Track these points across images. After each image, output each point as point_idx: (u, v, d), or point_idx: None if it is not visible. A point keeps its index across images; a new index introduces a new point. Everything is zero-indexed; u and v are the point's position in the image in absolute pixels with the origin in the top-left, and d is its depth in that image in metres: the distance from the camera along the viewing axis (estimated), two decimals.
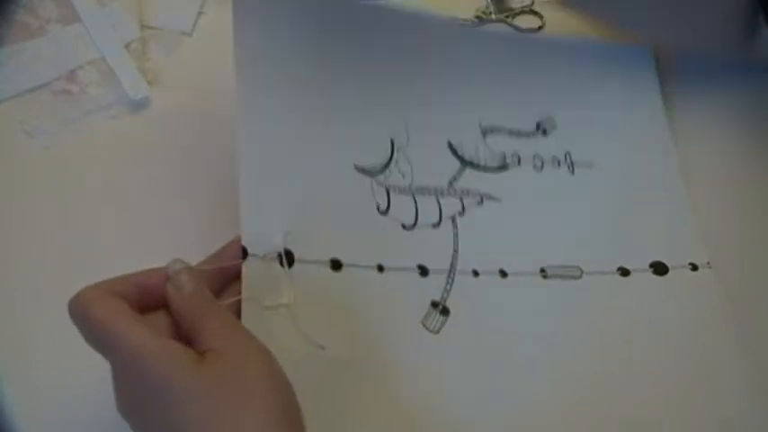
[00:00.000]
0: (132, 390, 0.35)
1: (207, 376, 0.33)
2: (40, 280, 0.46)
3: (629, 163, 0.50)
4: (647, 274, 0.47)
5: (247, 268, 0.40)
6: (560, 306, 0.46)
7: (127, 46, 0.53)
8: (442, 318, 0.44)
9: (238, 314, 0.39)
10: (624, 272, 0.47)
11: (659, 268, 0.48)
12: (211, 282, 0.39)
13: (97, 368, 0.42)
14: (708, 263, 0.48)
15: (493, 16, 0.54)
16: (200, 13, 0.55)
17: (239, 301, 0.40)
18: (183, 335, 0.36)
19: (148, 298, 0.37)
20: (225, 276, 0.40)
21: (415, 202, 0.45)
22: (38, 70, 0.52)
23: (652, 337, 0.46)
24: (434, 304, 0.44)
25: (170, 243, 0.47)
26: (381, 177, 0.45)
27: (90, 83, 0.52)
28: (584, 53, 0.52)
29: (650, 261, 0.48)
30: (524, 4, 0.54)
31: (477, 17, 0.53)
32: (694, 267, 0.48)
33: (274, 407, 0.33)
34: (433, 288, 0.44)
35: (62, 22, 0.53)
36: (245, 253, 0.40)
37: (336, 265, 0.43)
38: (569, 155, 0.49)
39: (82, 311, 0.35)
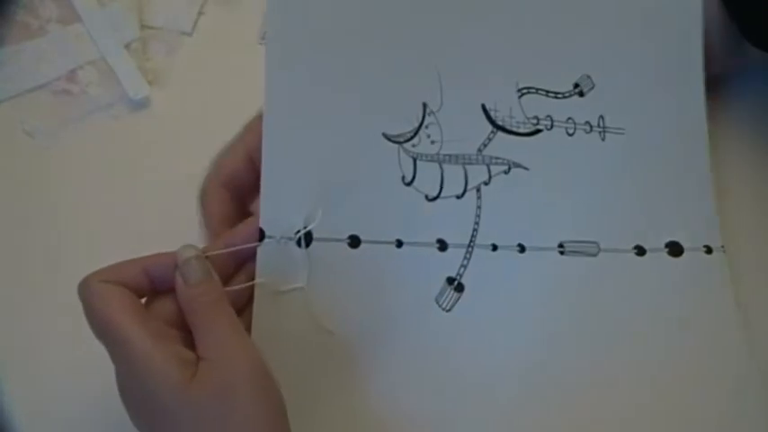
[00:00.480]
0: (129, 384, 0.35)
1: (195, 396, 0.33)
2: (40, 280, 0.46)
3: (659, 134, 0.49)
4: (663, 255, 0.47)
5: (263, 252, 0.40)
6: (575, 285, 0.45)
7: (127, 46, 0.53)
8: (455, 295, 0.44)
9: (252, 297, 0.40)
10: (640, 251, 0.47)
11: (675, 249, 0.47)
12: (224, 264, 0.39)
13: (98, 368, 0.42)
14: (722, 246, 0.48)
15: None
16: (200, 13, 0.55)
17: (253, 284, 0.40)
18: (188, 325, 0.36)
19: (157, 283, 0.37)
20: (238, 258, 0.40)
21: (442, 170, 0.45)
22: (38, 70, 0.52)
23: (663, 319, 0.46)
24: (450, 280, 0.44)
25: (171, 243, 0.47)
26: (409, 145, 0.45)
27: (90, 83, 0.52)
28: (630, 4, 0.50)
29: (666, 241, 0.47)
30: None
31: None
32: (709, 250, 0.48)
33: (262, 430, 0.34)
34: (450, 263, 0.44)
35: (62, 22, 0.53)
36: (261, 235, 0.40)
37: (355, 241, 0.43)
38: (603, 119, 0.48)
39: (88, 302, 0.35)
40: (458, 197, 0.45)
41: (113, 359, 0.35)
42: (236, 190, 0.43)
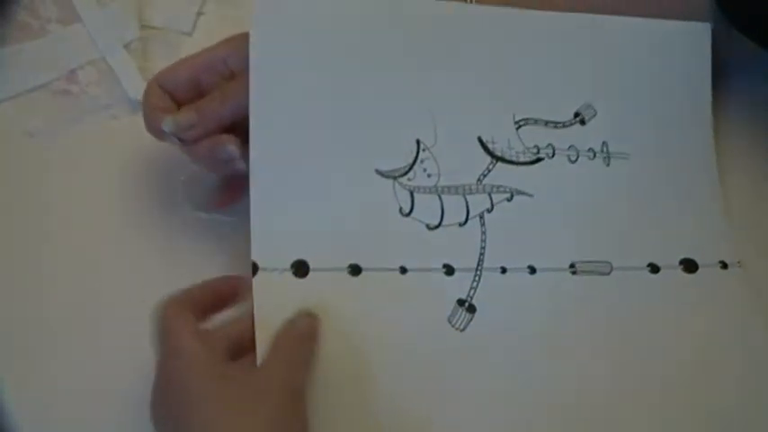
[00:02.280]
0: (164, 388, 0.37)
1: (225, 381, 0.35)
2: (40, 279, 0.46)
3: (666, 155, 0.49)
4: (677, 272, 0.47)
5: (258, 284, 0.40)
6: (589, 303, 0.45)
7: (127, 46, 0.53)
8: (468, 315, 0.43)
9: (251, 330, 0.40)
10: (654, 268, 0.46)
11: (689, 266, 0.47)
12: (202, 306, 0.40)
13: (98, 368, 0.42)
14: (738, 262, 0.48)
15: None
16: (199, 14, 0.55)
17: (251, 316, 0.39)
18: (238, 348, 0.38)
19: (219, 302, 0.40)
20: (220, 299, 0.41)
21: (441, 201, 0.45)
22: (38, 70, 0.52)
23: (680, 335, 0.46)
24: (460, 302, 0.44)
25: (171, 242, 0.47)
26: (405, 179, 0.45)
27: (90, 83, 0.52)
28: (630, 31, 0.49)
29: (681, 258, 0.47)
30: None
31: None
32: (724, 266, 0.48)
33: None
34: (459, 286, 0.44)
35: (62, 23, 0.53)
36: (255, 268, 0.40)
37: (356, 270, 0.43)
38: (606, 145, 0.48)
39: (162, 322, 0.38)
40: (460, 225, 0.45)
41: (159, 364, 0.38)
42: (172, 94, 0.44)
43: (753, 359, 0.46)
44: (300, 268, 0.41)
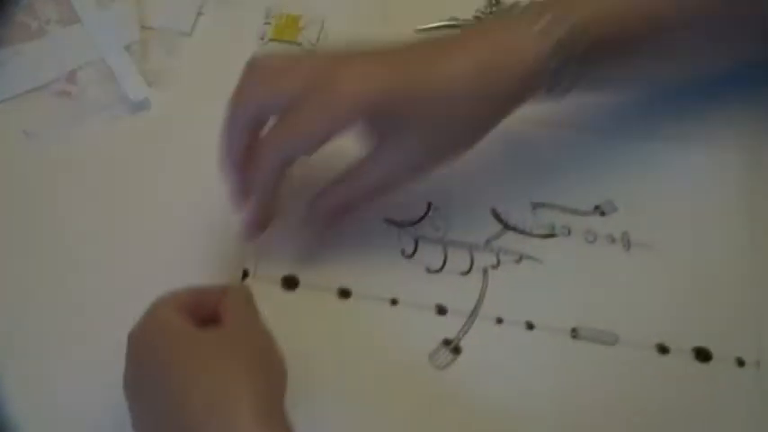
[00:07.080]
0: (139, 359, 0.37)
1: (199, 341, 0.36)
2: (38, 280, 0.46)
3: (693, 251, 0.48)
4: (687, 357, 0.45)
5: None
6: (590, 370, 0.44)
7: (127, 47, 0.53)
8: (451, 356, 0.44)
9: None
10: (663, 349, 0.45)
11: (702, 354, 0.45)
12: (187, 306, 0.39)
13: (98, 369, 0.42)
14: (758, 361, 0.46)
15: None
16: (199, 14, 0.55)
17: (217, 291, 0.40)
18: None
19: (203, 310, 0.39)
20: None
21: (445, 250, 0.46)
22: (37, 71, 0.52)
23: (686, 422, 0.44)
24: (446, 342, 0.44)
25: (170, 244, 0.47)
26: (412, 229, 0.46)
27: (90, 84, 0.52)
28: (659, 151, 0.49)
29: (693, 345, 0.45)
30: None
31: (477, 17, 0.53)
32: (741, 363, 0.45)
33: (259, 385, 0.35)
34: (448, 327, 0.44)
35: (62, 23, 0.53)
36: (245, 274, 0.42)
37: (344, 293, 0.44)
38: (627, 235, 0.47)
39: (156, 323, 0.38)
40: (462, 273, 0.46)
41: (136, 330, 0.38)
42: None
43: None
44: (290, 282, 0.43)
